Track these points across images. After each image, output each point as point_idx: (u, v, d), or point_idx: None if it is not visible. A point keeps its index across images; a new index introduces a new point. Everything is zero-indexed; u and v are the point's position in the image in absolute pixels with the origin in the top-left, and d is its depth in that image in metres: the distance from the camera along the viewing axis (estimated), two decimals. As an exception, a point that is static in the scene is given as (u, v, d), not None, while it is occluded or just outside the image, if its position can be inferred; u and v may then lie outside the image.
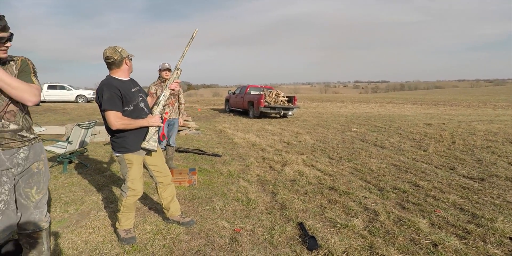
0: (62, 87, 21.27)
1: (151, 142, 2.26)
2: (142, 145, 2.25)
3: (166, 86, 2.43)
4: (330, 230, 2.58)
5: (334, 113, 14.77)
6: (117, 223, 2.43)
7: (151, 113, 2.37)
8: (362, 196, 3.35)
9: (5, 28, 1.48)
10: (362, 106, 21.81)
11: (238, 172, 4.29)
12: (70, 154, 4.35)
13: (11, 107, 1.60)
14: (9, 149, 1.61)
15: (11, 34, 1.52)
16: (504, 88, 75.76)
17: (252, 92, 13.31)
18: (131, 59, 2.31)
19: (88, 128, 4.40)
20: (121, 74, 2.29)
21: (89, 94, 21.71)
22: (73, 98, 21.10)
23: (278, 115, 12.72)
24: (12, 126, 1.61)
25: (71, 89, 21.48)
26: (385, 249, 2.25)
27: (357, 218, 2.79)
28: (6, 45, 1.52)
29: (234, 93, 15.01)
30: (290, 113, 12.21)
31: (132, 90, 2.30)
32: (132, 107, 2.26)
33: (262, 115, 12.37)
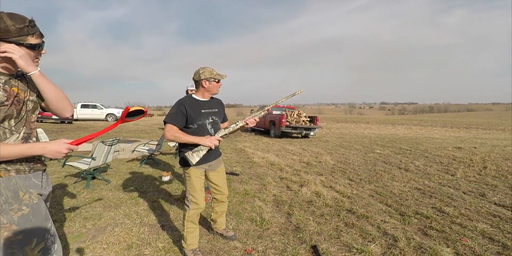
0: (94, 106, 22.45)
1: (194, 155, 2.24)
2: (186, 153, 2.25)
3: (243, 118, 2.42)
4: (345, 255, 2.47)
5: (358, 134, 14.46)
6: (182, 241, 2.41)
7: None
8: (381, 220, 3.20)
9: (41, 34, 1.32)
10: (387, 127, 21.23)
11: (254, 192, 4.25)
12: (93, 170, 4.51)
13: (35, 122, 1.41)
14: (37, 171, 1.36)
15: (43, 42, 1.35)
16: (544, 110, 71.38)
17: (274, 112, 13.40)
18: (216, 81, 2.31)
19: (111, 145, 4.58)
20: (199, 94, 2.37)
21: (118, 112, 22.64)
22: (103, 117, 22.15)
23: (299, 135, 12.64)
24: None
25: (102, 108, 22.57)
26: (403, 278, 2.11)
27: (374, 243, 2.65)
28: (42, 52, 1.35)
29: (256, 113, 15.15)
30: (311, 133, 12.11)
31: (203, 110, 2.32)
32: (196, 126, 2.30)
33: (284, 135, 12.35)
